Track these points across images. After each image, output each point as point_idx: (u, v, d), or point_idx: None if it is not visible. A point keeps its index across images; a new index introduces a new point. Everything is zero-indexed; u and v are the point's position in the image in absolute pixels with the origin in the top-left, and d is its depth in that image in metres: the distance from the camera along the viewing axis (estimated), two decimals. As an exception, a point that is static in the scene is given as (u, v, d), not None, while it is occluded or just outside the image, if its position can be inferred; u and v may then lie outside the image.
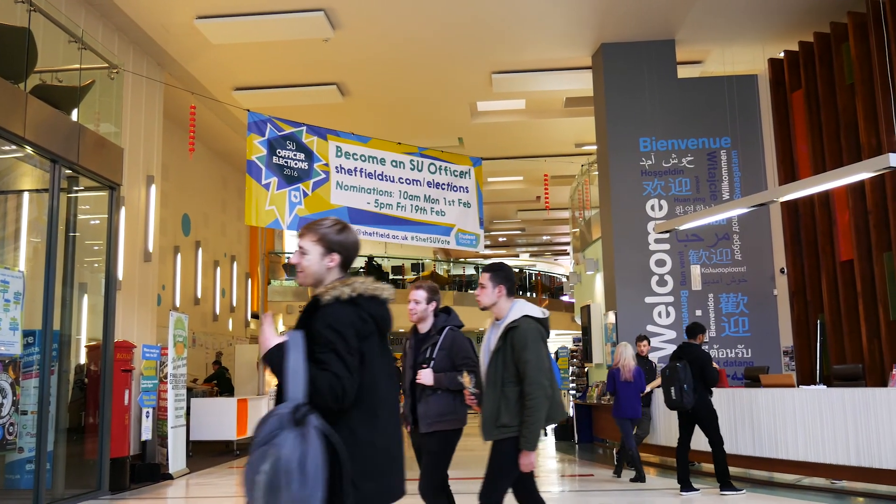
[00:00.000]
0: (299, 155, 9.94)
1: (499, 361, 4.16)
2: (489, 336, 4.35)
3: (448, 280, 25.38)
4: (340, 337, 2.61)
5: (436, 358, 4.79)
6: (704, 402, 7.80)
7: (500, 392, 4.13)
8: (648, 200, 11.82)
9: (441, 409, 4.73)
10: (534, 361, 4.05)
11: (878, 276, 10.06)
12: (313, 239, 2.84)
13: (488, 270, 4.37)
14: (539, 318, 4.24)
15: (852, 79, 10.56)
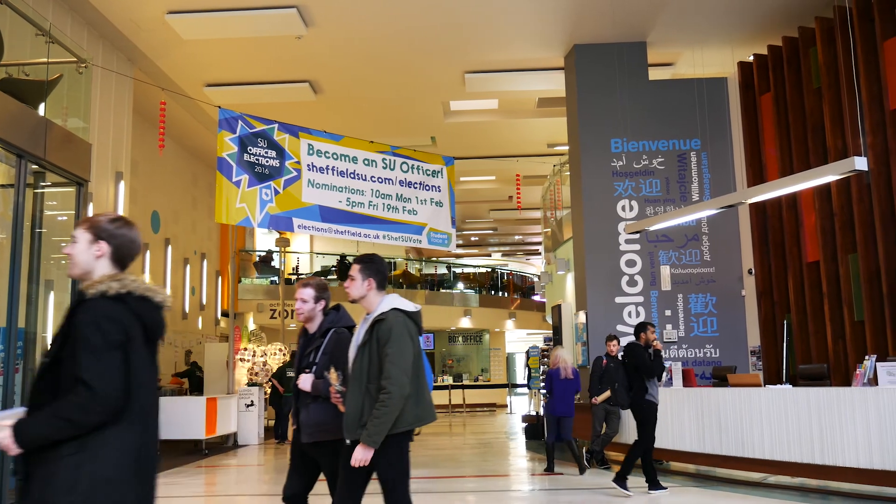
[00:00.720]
0: (271, 152, 9.88)
1: (364, 357, 3.94)
2: (359, 330, 4.12)
3: (420, 279, 25.38)
4: (101, 334, 2.43)
5: (318, 363, 4.42)
6: (639, 401, 7.79)
7: (365, 389, 3.90)
8: (619, 201, 11.91)
9: (320, 418, 4.32)
10: (394, 356, 3.83)
11: (844, 278, 10.23)
12: (84, 227, 2.71)
13: (358, 262, 4.16)
14: (409, 312, 4.03)
15: (819, 83, 10.71)
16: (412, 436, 4.06)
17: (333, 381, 4.15)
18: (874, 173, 9.65)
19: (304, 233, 10.62)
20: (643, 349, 7.96)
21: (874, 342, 9.61)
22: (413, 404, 3.93)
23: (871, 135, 9.70)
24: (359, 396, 3.91)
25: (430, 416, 4.09)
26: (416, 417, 3.96)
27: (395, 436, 3.88)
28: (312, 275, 23.61)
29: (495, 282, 28.50)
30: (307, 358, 4.51)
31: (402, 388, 3.82)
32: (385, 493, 4.00)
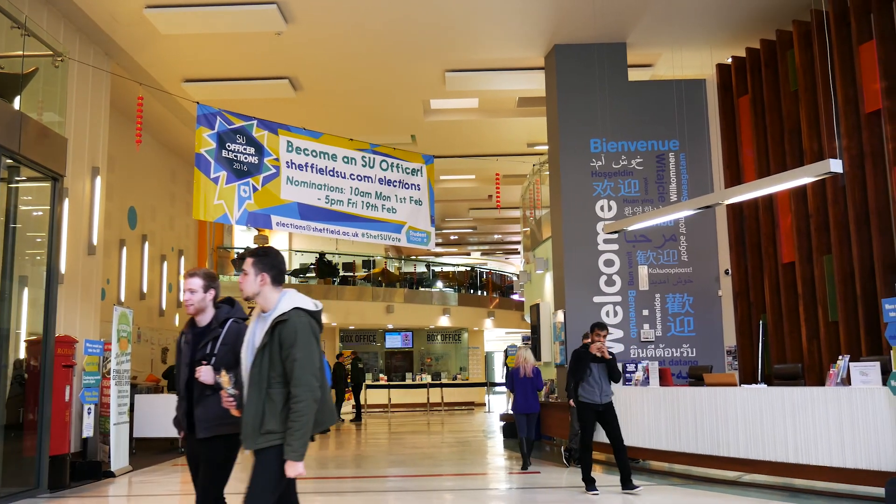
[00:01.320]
0: (249, 149, 9.82)
1: (264, 359, 3.70)
2: (254, 330, 3.89)
3: (399, 277, 25.36)
4: None
5: (217, 354, 4.23)
6: (575, 399, 8.23)
7: (265, 394, 3.68)
8: (598, 201, 11.96)
9: (223, 410, 4.09)
10: (303, 360, 3.64)
11: (818, 279, 10.34)
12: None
13: (251, 255, 3.95)
14: (311, 312, 3.84)
15: (796, 86, 10.82)
16: (313, 438, 3.89)
17: (225, 385, 3.94)
18: (849, 176, 9.76)
19: (283, 230, 10.58)
20: (577, 350, 8.30)
21: (847, 342, 9.73)
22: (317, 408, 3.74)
23: (847, 138, 9.81)
24: (258, 402, 3.68)
25: (330, 419, 3.90)
26: (317, 422, 3.75)
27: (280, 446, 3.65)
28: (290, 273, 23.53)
29: (474, 281, 28.54)
30: (202, 350, 4.30)
31: (313, 392, 3.63)
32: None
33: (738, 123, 11.98)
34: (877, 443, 6.82)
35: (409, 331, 27.06)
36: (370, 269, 24.68)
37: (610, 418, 8.07)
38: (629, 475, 7.90)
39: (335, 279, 23.33)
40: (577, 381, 8.17)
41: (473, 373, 27.69)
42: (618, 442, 8.01)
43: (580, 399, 8.13)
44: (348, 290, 22.99)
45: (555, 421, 11.80)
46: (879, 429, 6.80)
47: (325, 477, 10.12)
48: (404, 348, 27.20)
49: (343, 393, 19.84)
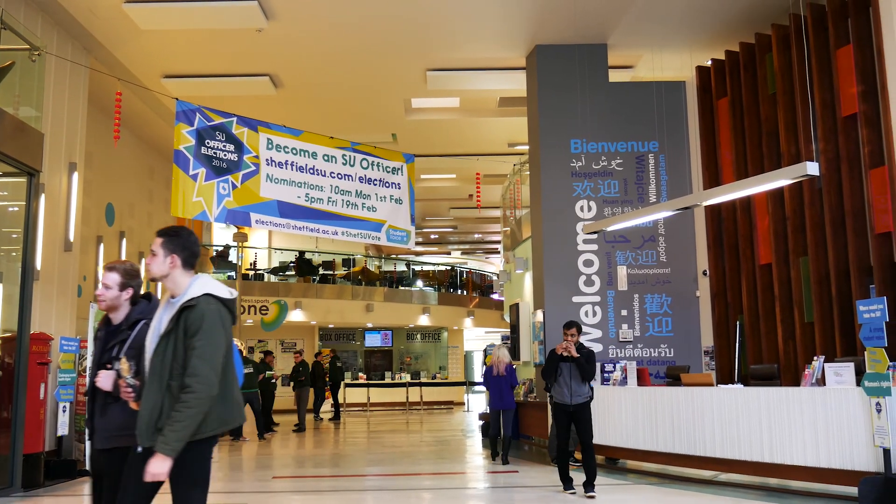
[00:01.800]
0: (229, 146, 9.77)
1: (167, 348, 3.41)
2: (161, 316, 3.58)
3: (379, 276, 25.32)
4: None
5: (122, 358, 3.84)
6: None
7: (166, 387, 3.39)
8: (578, 201, 12.00)
9: (123, 420, 3.75)
10: (204, 349, 3.34)
11: (795, 280, 10.44)
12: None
13: (162, 235, 3.63)
14: (224, 299, 3.53)
15: (775, 89, 10.92)
16: (216, 440, 3.57)
17: (125, 373, 3.63)
18: (825, 178, 9.86)
19: (262, 228, 10.53)
20: (552, 352, 8.17)
21: (823, 343, 9.83)
22: (219, 405, 3.43)
23: (824, 141, 9.91)
24: (157, 395, 3.39)
25: (237, 417, 3.59)
26: (221, 421, 3.46)
27: (196, 442, 3.37)
28: (270, 270, 23.44)
29: (454, 280, 28.56)
30: (109, 352, 3.97)
31: (209, 387, 3.33)
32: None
33: (716, 125, 12.07)
34: (850, 442, 6.90)
35: (389, 329, 27.02)
36: (350, 267, 24.63)
37: (581, 420, 7.91)
38: (593, 479, 7.78)
39: (315, 277, 23.26)
40: (548, 381, 8.12)
41: (453, 372, 27.70)
42: (586, 444, 7.90)
43: (552, 399, 8.11)
44: (328, 289, 22.92)
45: (533, 420, 11.85)
46: (853, 429, 6.88)
47: (303, 476, 10.09)
48: (384, 347, 27.16)
49: (322, 391, 19.79)
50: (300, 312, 22.00)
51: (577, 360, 7.94)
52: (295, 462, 11.67)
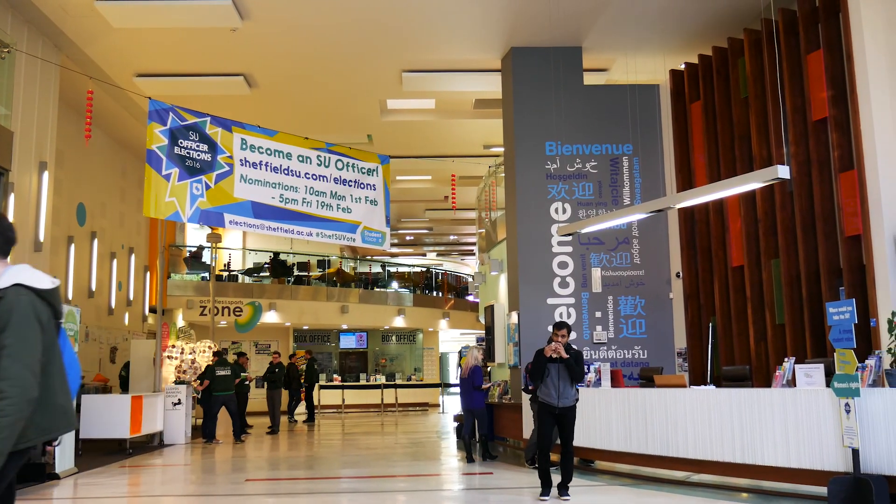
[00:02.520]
0: (202, 146, 9.69)
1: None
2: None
3: (354, 278, 25.25)
4: None
5: None
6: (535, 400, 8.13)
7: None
8: (553, 203, 12.05)
9: None
10: (15, 348, 2.91)
11: (766, 282, 10.56)
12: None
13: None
14: (40, 290, 3.08)
15: (747, 93, 11.03)
16: (27, 454, 3.08)
17: None
18: (796, 182, 9.98)
19: (236, 229, 10.47)
20: (539, 352, 7.94)
21: (794, 345, 9.95)
22: (38, 411, 2.99)
23: (795, 144, 10.04)
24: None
25: (60, 426, 3.13)
26: (40, 430, 3.03)
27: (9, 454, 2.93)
28: (244, 271, 23.28)
29: (430, 281, 28.54)
30: None
31: (25, 389, 2.89)
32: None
33: (689, 129, 12.18)
34: (820, 443, 6.98)
35: (364, 331, 26.94)
36: (325, 268, 24.52)
37: (566, 423, 7.78)
38: (568, 482, 7.71)
39: (289, 279, 23.14)
40: (535, 382, 7.93)
41: (428, 374, 27.68)
42: (567, 448, 7.77)
43: (538, 399, 7.90)
44: (303, 290, 22.81)
45: (508, 422, 11.86)
46: (823, 429, 6.96)
47: (277, 478, 10.03)
48: (359, 349, 27.07)
49: (297, 393, 19.70)
50: (274, 314, 21.87)
51: (566, 362, 7.76)
52: (269, 464, 11.60)
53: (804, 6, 9.97)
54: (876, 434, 6.55)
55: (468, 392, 11.32)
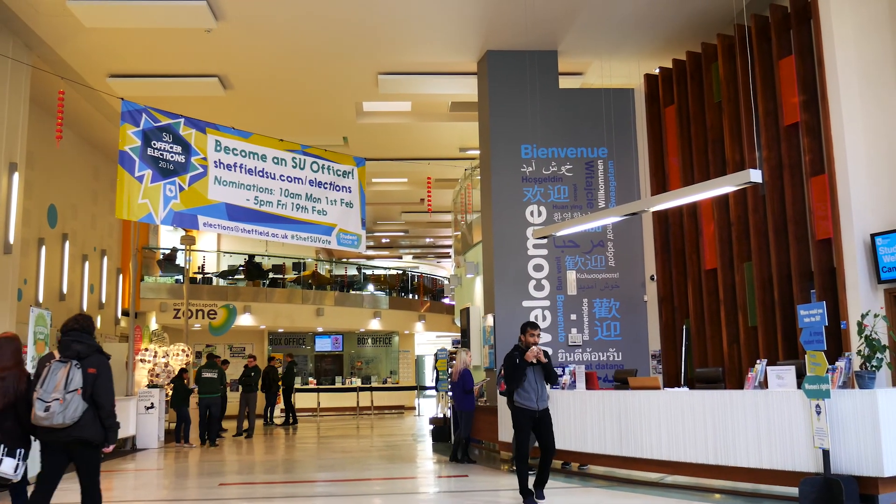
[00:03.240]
0: (176, 147, 9.61)
1: None
2: None
3: (330, 280, 25.15)
4: None
5: None
6: (510, 405, 7.77)
7: None
8: (528, 206, 12.08)
9: None
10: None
11: (739, 285, 10.65)
12: None
13: None
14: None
15: (720, 97, 11.13)
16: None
17: None
18: (769, 185, 10.09)
19: (210, 231, 10.39)
20: (511, 353, 7.79)
21: (766, 347, 10.05)
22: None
23: (767, 149, 10.15)
24: None
25: None
26: None
27: None
28: (218, 274, 23.11)
29: (405, 284, 28.49)
30: None
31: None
32: None
33: (664, 132, 12.27)
34: (791, 444, 7.05)
35: (340, 334, 26.83)
36: (300, 271, 24.40)
37: (545, 425, 7.67)
38: (545, 483, 7.63)
39: (264, 281, 23.00)
40: (514, 387, 7.67)
41: (404, 376, 27.63)
42: (548, 450, 7.65)
43: (516, 404, 7.67)
44: (278, 293, 22.68)
45: (484, 424, 11.86)
46: (794, 430, 7.04)
47: (251, 482, 9.96)
48: (334, 351, 26.96)
49: (275, 397, 19.58)
50: (249, 317, 21.73)
51: (546, 365, 7.68)
52: (243, 468, 11.52)
53: (776, 12, 10.09)
54: (846, 435, 6.64)
55: (458, 395, 11.48)
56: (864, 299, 8.77)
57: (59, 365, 5.25)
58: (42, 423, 5.16)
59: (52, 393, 5.13)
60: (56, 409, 5.10)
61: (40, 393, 5.16)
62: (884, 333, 7.31)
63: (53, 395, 5.12)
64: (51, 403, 5.10)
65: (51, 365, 5.26)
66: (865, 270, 8.87)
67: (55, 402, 5.10)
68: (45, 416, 5.11)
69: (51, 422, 5.14)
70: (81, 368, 5.27)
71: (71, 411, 5.14)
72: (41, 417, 5.13)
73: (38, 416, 5.14)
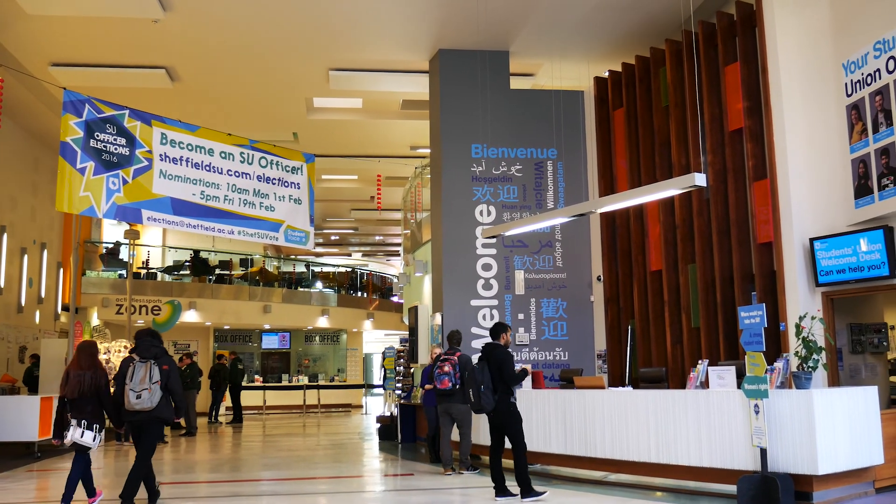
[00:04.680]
0: (120, 139, 9.40)
1: None
2: None
3: (278, 277, 24.89)
4: None
5: None
6: (505, 404, 7.62)
7: None
8: (478, 206, 12.13)
9: None
10: None
11: (683, 286, 10.84)
12: None
13: None
14: None
15: (667, 102, 11.31)
16: None
17: None
18: (713, 189, 10.28)
19: (154, 225, 10.20)
20: (506, 352, 7.76)
21: (708, 347, 10.24)
22: None
23: (712, 153, 10.34)
24: None
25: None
26: None
27: None
28: (163, 269, 22.70)
29: (354, 282, 28.35)
30: None
31: None
32: None
33: (612, 135, 12.42)
34: (731, 442, 7.20)
35: (287, 331, 26.58)
36: (248, 267, 24.10)
37: (502, 425, 7.71)
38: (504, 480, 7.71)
39: (211, 277, 22.66)
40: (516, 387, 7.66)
41: (352, 374, 27.49)
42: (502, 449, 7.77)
43: (512, 407, 7.63)
44: (224, 289, 22.37)
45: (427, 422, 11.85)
46: (733, 429, 7.19)
47: (192, 481, 9.81)
48: (281, 349, 26.69)
49: (222, 395, 19.29)
50: (194, 313, 21.39)
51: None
52: (185, 467, 11.33)
53: (723, 20, 10.29)
54: (783, 434, 6.80)
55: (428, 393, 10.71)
56: (803, 302, 9.00)
57: (140, 364, 7.12)
58: (135, 408, 7.00)
59: (139, 385, 7.00)
60: (146, 397, 6.99)
61: (131, 385, 7.01)
62: (820, 335, 7.51)
63: (141, 387, 7.00)
64: (141, 392, 6.98)
65: (134, 365, 7.11)
66: (804, 274, 9.11)
67: (144, 391, 6.99)
68: (138, 402, 6.97)
69: (142, 406, 7.01)
70: (158, 366, 7.14)
71: (155, 398, 7.02)
72: (134, 403, 6.98)
73: (131, 402, 6.98)
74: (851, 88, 8.82)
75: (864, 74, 8.62)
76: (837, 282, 8.89)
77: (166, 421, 7.32)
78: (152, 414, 7.11)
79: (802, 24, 9.38)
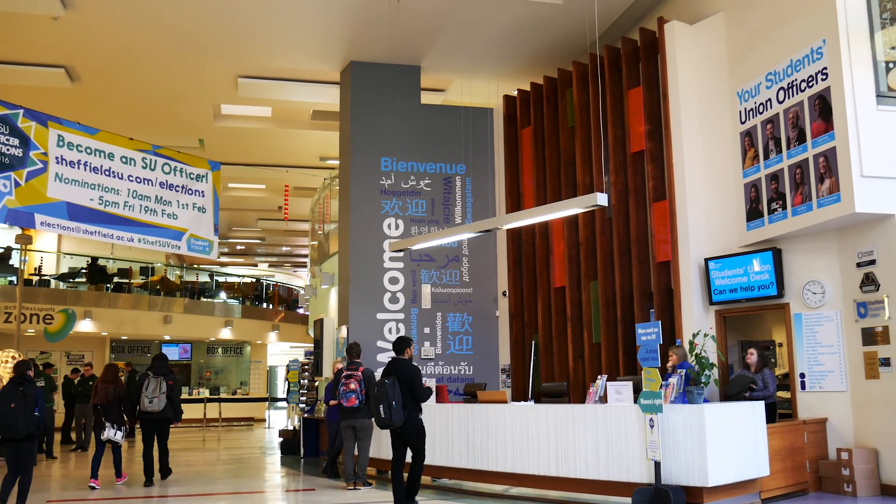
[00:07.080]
0: (13, 140, 9.00)
1: None
2: None
3: (179, 286, 24.22)
4: None
5: None
6: (413, 420, 7.70)
7: None
8: (386, 219, 12.13)
9: None
10: None
11: (585, 303, 11.09)
12: None
13: None
14: None
15: (573, 122, 11.59)
16: None
17: None
18: (615, 209, 10.58)
19: (49, 231, 9.78)
20: (414, 367, 7.82)
21: (608, 363, 10.50)
22: None
23: (614, 174, 10.65)
24: None
25: None
26: None
27: None
28: (58, 276, 21.76)
29: (260, 293, 27.86)
30: None
31: None
32: None
33: (520, 153, 12.63)
34: (627, 456, 7.39)
35: (188, 342, 25.88)
36: (148, 276, 23.36)
37: (409, 439, 7.83)
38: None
39: (108, 285, 21.85)
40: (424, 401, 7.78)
41: (255, 387, 26.96)
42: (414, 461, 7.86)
43: (420, 422, 7.77)
44: (122, 298, 21.60)
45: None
46: (629, 443, 7.38)
47: (84, 499, 9.41)
48: (182, 360, 25.96)
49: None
50: (90, 322, 20.56)
51: None
52: (74, 484, 10.86)
53: (627, 45, 10.63)
54: (676, 447, 7.02)
55: None
56: (698, 319, 9.34)
57: (154, 378, 9.89)
58: (148, 410, 9.80)
59: (152, 393, 9.79)
60: (157, 403, 9.80)
61: (147, 394, 9.79)
62: (713, 352, 7.81)
63: (153, 395, 9.78)
64: (153, 399, 9.78)
65: (149, 379, 9.88)
66: (699, 292, 9.46)
67: (156, 398, 9.78)
68: (151, 406, 9.79)
69: (153, 409, 9.82)
70: (165, 381, 9.89)
71: (163, 403, 9.83)
72: (148, 407, 9.78)
73: (146, 406, 9.78)
74: (745, 116, 9.24)
75: (757, 103, 9.05)
76: (730, 300, 9.26)
77: (168, 420, 10.00)
78: (162, 415, 9.89)
79: (701, 53, 9.77)
